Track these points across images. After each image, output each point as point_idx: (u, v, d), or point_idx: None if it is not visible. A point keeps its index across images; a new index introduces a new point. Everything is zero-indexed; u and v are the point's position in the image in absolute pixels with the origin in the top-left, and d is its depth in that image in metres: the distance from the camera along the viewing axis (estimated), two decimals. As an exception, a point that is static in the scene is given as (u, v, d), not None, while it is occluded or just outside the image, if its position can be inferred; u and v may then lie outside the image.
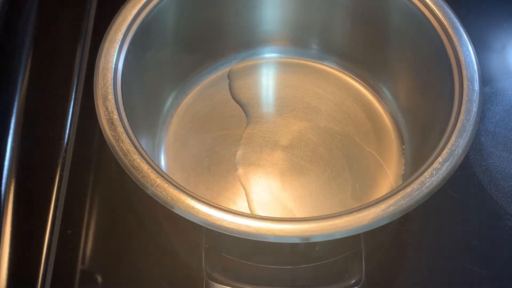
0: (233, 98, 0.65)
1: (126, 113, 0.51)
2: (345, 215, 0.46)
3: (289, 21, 0.65)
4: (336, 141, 0.61)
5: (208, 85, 0.66)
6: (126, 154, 0.48)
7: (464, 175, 0.61)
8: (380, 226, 0.45)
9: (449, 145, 0.48)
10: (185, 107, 0.64)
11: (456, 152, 0.48)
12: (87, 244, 0.57)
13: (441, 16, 0.54)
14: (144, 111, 0.59)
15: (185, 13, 0.60)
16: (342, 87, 0.66)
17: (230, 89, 0.65)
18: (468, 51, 0.52)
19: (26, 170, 0.57)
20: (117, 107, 0.50)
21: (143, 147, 0.49)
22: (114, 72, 0.52)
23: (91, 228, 0.58)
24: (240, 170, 0.60)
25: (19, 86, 0.59)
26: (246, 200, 0.58)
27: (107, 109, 0.50)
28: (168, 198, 0.46)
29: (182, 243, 0.58)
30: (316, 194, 0.58)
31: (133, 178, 0.47)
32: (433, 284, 0.56)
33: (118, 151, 0.48)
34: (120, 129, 0.49)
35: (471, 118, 0.49)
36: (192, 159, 0.61)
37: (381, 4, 0.59)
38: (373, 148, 0.61)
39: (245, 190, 0.59)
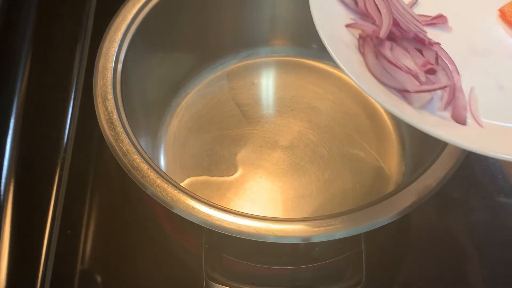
0: (233, 98, 0.65)
1: (125, 113, 0.51)
2: (345, 215, 0.46)
3: (289, 21, 0.65)
4: (336, 141, 0.61)
5: (208, 85, 0.66)
6: (126, 154, 0.48)
7: (464, 175, 0.61)
8: (380, 226, 0.45)
9: (449, 145, 0.48)
10: (185, 107, 0.64)
11: (456, 152, 0.48)
12: (87, 244, 0.57)
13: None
14: (144, 111, 0.59)
15: (185, 13, 0.60)
16: (342, 87, 0.65)
17: (230, 89, 0.65)
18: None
19: (25, 170, 0.57)
20: (116, 107, 0.50)
21: (143, 147, 0.49)
22: (113, 72, 0.52)
23: (90, 228, 0.58)
24: (240, 170, 0.60)
25: (18, 86, 0.59)
26: (246, 200, 0.58)
27: (106, 109, 0.50)
28: (168, 198, 0.46)
29: (182, 243, 0.58)
30: (316, 194, 0.58)
31: (132, 178, 0.47)
32: (433, 284, 0.56)
33: (118, 151, 0.48)
34: (120, 129, 0.49)
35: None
36: (192, 159, 0.61)
37: (381, 4, 0.59)
38: (373, 148, 0.61)
39: (245, 190, 0.59)
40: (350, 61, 0.41)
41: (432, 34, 0.44)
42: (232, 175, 0.60)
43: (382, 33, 0.41)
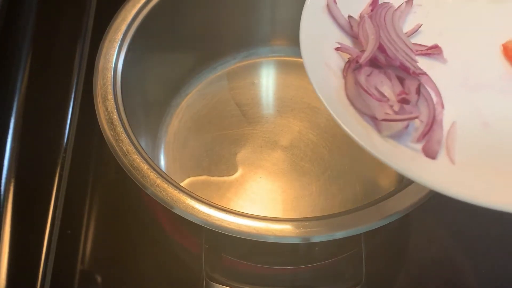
0: (233, 98, 0.65)
1: (125, 113, 0.51)
2: (345, 215, 0.46)
3: (289, 21, 0.65)
4: (337, 141, 0.61)
5: (208, 85, 0.66)
6: (126, 154, 0.48)
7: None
8: (380, 226, 0.45)
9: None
10: (185, 107, 0.64)
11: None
12: (87, 244, 0.57)
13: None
14: (144, 111, 0.59)
15: (185, 13, 0.60)
16: (342, 87, 0.65)
17: (230, 89, 0.65)
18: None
19: (25, 170, 0.57)
20: (116, 107, 0.50)
21: (143, 147, 0.49)
22: (113, 72, 0.52)
23: (90, 228, 0.58)
24: (240, 170, 0.60)
25: (18, 86, 0.59)
26: (246, 200, 0.58)
27: (106, 109, 0.50)
28: (168, 198, 0.46)
29: (182, 243, 0.58)
30: (316, 195, 0.58)
31: (132, 178, 0.47)
32: (433, 285, 0.56)
33: (118, 151, 0.48)
34: (120, 129, 0.49)
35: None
36: (192, 159, 0.61)
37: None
38: (373, 148, 0.61)
39: (245, 190, 0.59)
40: (325, 82, 0.40)
41: (426, 64, 0.43)
42: (232, 175, 0.60)
43: (362, 59, 0.41)
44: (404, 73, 0.41)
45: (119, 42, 0.53)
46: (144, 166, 0.47)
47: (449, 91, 0.42)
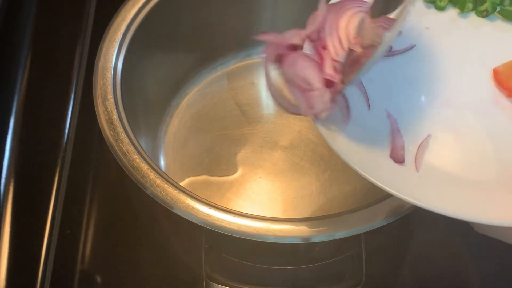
0: (233, 98, 0.65)
1: (125, 113, 0.51)
2: (345, 215, 0.46)
3: (288, 20, 0.65)
4: (336, 141, 0.61)
5: (208, 85, 0.65)
6: (126, 154, 0.48)
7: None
8: (380, 226, 0.45)
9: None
10: (185, 107, 0.64)
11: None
12: (86, 244, 0.57)
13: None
14: (144, 111, 0.59)
15: (185, 13, 0.60)
16: (342, 87, 0.65)
17: (230, 89, 0.65)
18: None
19: (25, 170, 0.57)
20: (116, 107, 0.50)
21: (143, 147, 0.49)
22: (113, 71, 0.52)
23: (90, 228, 0.58)
24: (240, 170, 0.60)
25: (18, 86, 0.59)
26: (246, 200, 0.58)
27: (106, 109, 0.50)
28: (168, 198, 0.46)
29: (182, 243, 0.58)
30: (316, 195, 0.58)
31: (132, 178, 0.47)
32: (433, 285, 0.56)
33: (118, 151, 0.48)
34: (120, 129, 0.49)
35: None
36: (192, 159, 0.61)
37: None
38: (373, 148, 0.61)
39: (245, 190, 0.59)
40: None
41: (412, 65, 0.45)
42: (232, 175, 0.60)
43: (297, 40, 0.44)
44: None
45: (119, 42, 0.53)
46: (144, 166, 0.47)
47: (432, 106, 0.44)
